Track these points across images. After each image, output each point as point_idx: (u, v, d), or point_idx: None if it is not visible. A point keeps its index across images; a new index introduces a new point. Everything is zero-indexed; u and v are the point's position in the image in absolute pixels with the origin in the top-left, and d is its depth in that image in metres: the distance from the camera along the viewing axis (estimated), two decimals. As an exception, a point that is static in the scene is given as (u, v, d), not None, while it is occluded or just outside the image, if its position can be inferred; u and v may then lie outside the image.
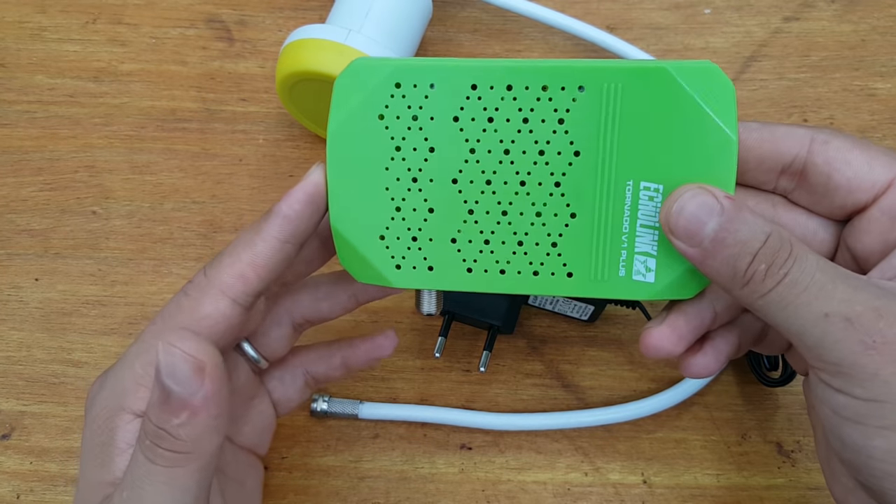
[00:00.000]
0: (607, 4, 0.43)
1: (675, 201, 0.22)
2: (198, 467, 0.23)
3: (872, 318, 0.21)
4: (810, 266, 0.22)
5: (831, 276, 0.22)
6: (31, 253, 0.39)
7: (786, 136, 0.25)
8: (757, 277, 0.22)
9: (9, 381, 0.37)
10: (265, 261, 0.25)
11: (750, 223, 0.22)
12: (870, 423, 0.21)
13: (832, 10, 0.43)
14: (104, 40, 0.43)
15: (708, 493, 0.34)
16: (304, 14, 0.44)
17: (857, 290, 0.22)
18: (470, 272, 0.25)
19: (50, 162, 0.41)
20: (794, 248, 0.22)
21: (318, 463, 0.35)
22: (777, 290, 0.22)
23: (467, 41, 0.43)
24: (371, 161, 0.25)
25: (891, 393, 0.21)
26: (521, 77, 0.24)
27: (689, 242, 0.22)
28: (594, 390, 0.36)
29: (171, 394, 0.22)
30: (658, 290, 0.25)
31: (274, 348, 0.30)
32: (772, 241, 0.22)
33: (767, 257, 0.22)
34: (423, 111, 0.24)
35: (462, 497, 0.35)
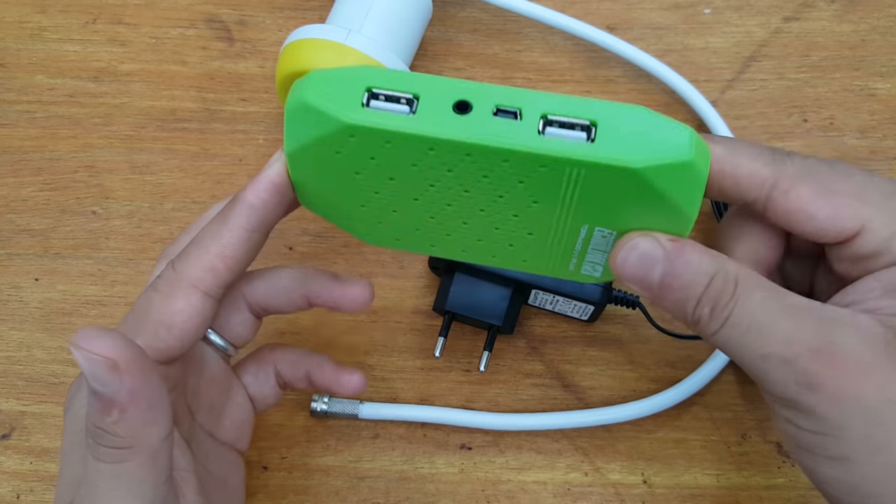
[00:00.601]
0: (607, 4, 0.43)
1: (620, 251, 0.23)
2: (144, 460, 0.23)
3: (808, 360, 0.21)
4: (752, 307, 0.22)
5: (773, 315, 0.22)
6: (31, 253, 0.39)
7: (747, 176, 0.23)
8: (703, 320, 0.23)
9: (9, 381, 0.37)
10: (233, 251, 0.25)
11: (694, 266, 0.22)
12: (817, 452, 0.22)
13: (832, 10, 0.43)
14: (104, 40, 0.43)
15: (708, 493, 0.34)
16: (304, 14, 0.44)
17: (799, 328, 0.22)
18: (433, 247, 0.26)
19: (50, 162, 0.41)
20: (738, 289, 0.22)
21: (318, 463, 0.35)
22: (721, 332, 0.22)
23: (467, 41, 0.43)
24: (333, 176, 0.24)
25: (830, 428, 0.21)
26: (481, 153, 0.22)
27: (639, 287, 0.23)
28: (594, 390, 0.36)
29: (98, 394, 0.22)
30: (603, 279, 0.26)
31: (237, 333, 0.30)
32: (715, 283, 0.22)
33: (710, 300, 0.22)
34: (378, 157, 0.23)
35: (462, 497, 0.35)
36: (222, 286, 0.26)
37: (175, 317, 0.25)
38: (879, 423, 0.21)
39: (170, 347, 0.25)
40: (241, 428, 0.31)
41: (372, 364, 0.37)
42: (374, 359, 0.37)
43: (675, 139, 0.21)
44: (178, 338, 0.25)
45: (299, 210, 0.39)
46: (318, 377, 0.31)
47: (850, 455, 0.21)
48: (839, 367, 0.21)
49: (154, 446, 0.23)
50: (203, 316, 0.25)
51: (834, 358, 0.21)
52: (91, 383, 0.22)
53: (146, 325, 0.25)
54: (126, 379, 0.22)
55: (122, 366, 0.22)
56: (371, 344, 0.37)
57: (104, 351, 0.21)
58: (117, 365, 0.21)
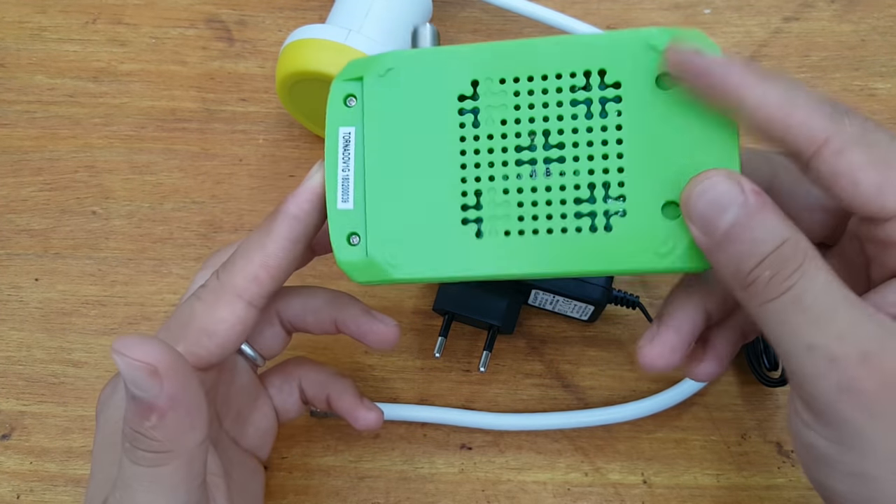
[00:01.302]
0: (607, 4, 0.43)
1: (700, 182, 0.21)
2: (181, 464, 0.23)
3: (856, 364, 0.20)
4: (816, 286, 0.20)
5: (833, 304, 0.20)
6: (31, 253, 0.39)
7: (801, 124, 0.21)
8: (759, 283, 0.21)
9: (9, 381, 0.37)
10: (277, 262, 0.25)
11: (769, 224, 0.21)
12: (835, 466, 0.21)
13: (832, 10, 0.43)
14: (104, 40, 0.43)
15: (708, 493, 0.34)
16: (304, 14, 0.44)
17: (855, 325, 0.20)
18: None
19: (50, 162, 0.41)
20: (806, 263, 0.20)
21: (318, 463, 0.35)
22: (775, 303, 0.21)
23: (467, 41, 0.43)
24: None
25: (859, 441, 0.20)
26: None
27: (703, 229, 0.21)
28: (594, 390, 0.36)
29: (137, 399, 0.22)
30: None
31: (269, 346, 0.30)
32: (785, 248, 0.20)
33: (775, 265, 0.20)
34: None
35: (462, 497, 0.35)
36: (265, 296, 0.26)
37: (218, 325, 0.25)
38: None
39: (210, 354, 0.26)
40: (264, 437, 0.31)
41: (372, 364, 0.37)
42: (374, 359, 0.37)
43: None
44: (220, 345, 0.25)
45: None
46: (337, 405, 0.32)
47: (871, 472, 0.20)
48: (886, 379, 0.20)
49: (191, 451, 0.23)
50: (245, 325, 0.26)
51: (883, 367, 0.20)
52: (131, 388, 0.22)
53: (189, 333, 0.25)
54: (166, 384, 0.22)
55: (162, 371, 0.22)
56: (371, 344, 0.37)
57: (145, 357, 0.22)
58: (157, 371, 0.22)
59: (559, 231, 0.24)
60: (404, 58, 0.25)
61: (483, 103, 0.24)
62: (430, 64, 0.24)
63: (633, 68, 0.23)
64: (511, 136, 0.24)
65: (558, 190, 0.24)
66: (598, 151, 0.23)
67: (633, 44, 0.23)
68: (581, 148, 0.23)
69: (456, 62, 0.24)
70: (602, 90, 0.23)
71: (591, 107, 0.23)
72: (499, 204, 0.24)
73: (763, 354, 0.35)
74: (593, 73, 0.23)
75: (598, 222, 0.23)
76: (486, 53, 0.24)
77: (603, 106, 0.23)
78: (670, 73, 0.23)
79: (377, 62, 0.25)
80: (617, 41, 0.23)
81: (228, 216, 0.40)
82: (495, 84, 0.24)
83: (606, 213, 0.23)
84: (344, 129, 0.25)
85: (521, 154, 0.24)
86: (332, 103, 0.25)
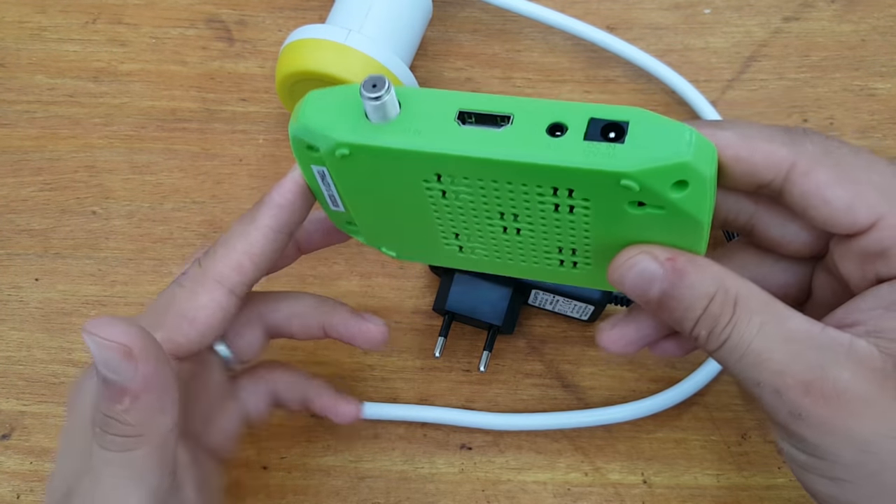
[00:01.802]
0: (607, 4, 0.43)
1: (619, 267, 0.22)
2: (152, 450, 0.23)
3: (800, 394, 0.21)
4: (749, 333, 0.22)
5: (769, 343, 0.22)
6: (31, 253, 0.39)
7: (764, 156, 0.22)
8: (700, 340, 0.22)
9: (9, 381, 0.37)
10: (260, 250, 0.26)
11: (693, 287, 0.22)
12: (812, 471, 0.22)
13: (832, 10, 0.43)
14: (104, 40, 0.43)
15: (708, 493, 0.34)
16: (304, 14, 0.44)
17: (793, 359, 0.21)
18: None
19: (50, 162, 0.41)
20: (737, 312, 0.22)
21: (318, 463, 0.35)
22: (718, 353, 0.22)
23: (467, 41, 0.43)
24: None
25: (823, 453, 0.22)
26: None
27: (640, 301, 0.23)
28: (594, 390, 0.36)
29: (109, 382, 0.22)
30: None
31: (245, 350, 0.30)
32: (713, 306, 0.22)
33: (708, 324, 0.22)
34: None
35: (462, 497, 0.35)
36: (248, 284, 0.26)
37: (199, 311, 0.25)
38: (872, 452, 0.21)
39: (189, 342, 0.26)
40: (228, 438, 0.31)
41: (372, 364, 0.37)
42: (374, 359, 0.37)
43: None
44: (200, 332, 0.26)
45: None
46: (316, 404, 0.32)
47: (844, 477, 0.22)
48: (830, 403, 0.21)
49: (163, 436, 0.23)
50: (226, 313, 0.26)
51: (825, 392, 0.21)
52: (102, 371, 0.22)
53: (168, 318, 0.25)
54: (140, 366, 0.22)
55: (136, 353, 0.22)
56: (371, 344, 0.37)
57: (118, 338, 0.22)
58: (132, 352, 0.22)
59: (532, 264, 0.25)
60: (359, 149, 0.22)
61: (448, 188, 0.23)
62: (388, 158, 0.22)
63: (603, 196, 0.21)
64: (480, 211, 0.24)
65: (529, 244, 0.25)
66: (566, 233, 0.23)
67: (605, 181, 0.21)
68: (549, 228, 0.23)
69: (415, 161, 0.22)
70: (570, 199, 0.22)
71: (560, 208, 0.22)
72: (475, 242, 0.25)
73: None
74: (561, 189, 0.22)
75: (566, 264, 0.25)
76: (447, 159, 0.22)
77: (570, 209, 0.22)
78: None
79: (329, 143, 0.23)
80: (587, 176, 0.21)
81: (228, 216, 0.40)
82: (459, 178, 0.23)
83: (574, 262, 0.25)
84: (315, 167, 0.25)
85: (491, 221, 0.24)
86: (296, 149, 0.24)
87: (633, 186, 0.20)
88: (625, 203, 0.21)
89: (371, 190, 0.24)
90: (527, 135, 0.21)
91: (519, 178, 0.22)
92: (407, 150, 0.22)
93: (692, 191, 0.20)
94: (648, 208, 0.21)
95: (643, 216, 0.21)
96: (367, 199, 0.25)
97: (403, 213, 0.25)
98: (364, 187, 0.24)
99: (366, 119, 0.22)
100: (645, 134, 0.20)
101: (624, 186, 0.20)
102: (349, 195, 0.25)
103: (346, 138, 0.22)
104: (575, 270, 0.25)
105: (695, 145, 0.20)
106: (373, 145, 0.22)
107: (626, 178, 0.20)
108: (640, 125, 0.20)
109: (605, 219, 0.22)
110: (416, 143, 0.22)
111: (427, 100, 0.23)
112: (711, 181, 0.21)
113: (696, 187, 0.20)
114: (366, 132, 0.22)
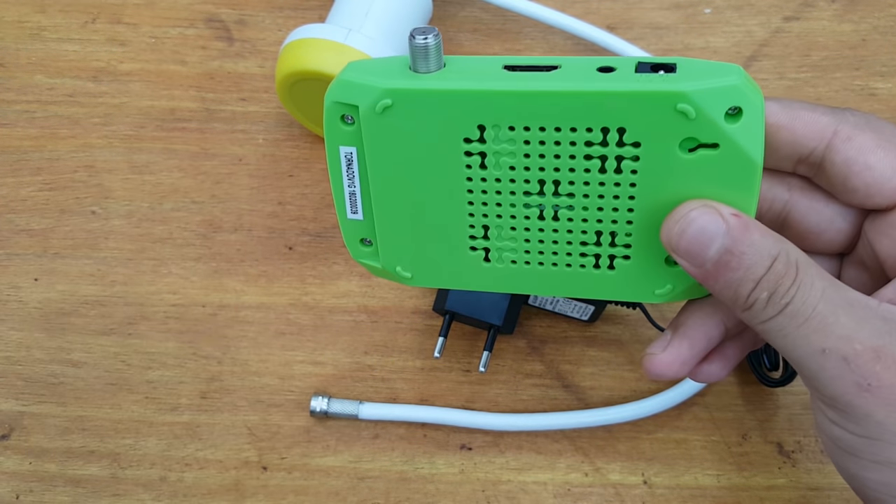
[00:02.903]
0: (607, 4, 0.43)
1: (678, 221, 0.21)
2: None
3: (870, 360, 0.20)
4: (814, 296, 0.21)
5: (834, 307, 0.21)
6: (31, 253, 0.39)
7: (806, 124, 0.22)
8: (758, 305, 0.21)
9: (8, 381, 0.37)
10: None
11: (756, 245, 0.21)
12: (863, 456, 0.21)
13: (833, 10, 0.43)
14: (103, 40, 0.43)
15: (708, 493, 0.34)
16: (303, 14, 0.44)
17: (860, 324, 0.21)
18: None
19: (49, 162, 0.41)
20: (800, 274, 0.21)
21: (318, 463, 0.35)
22: (777, 319, 0.21)
23: (467, 41, 0.43)
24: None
25: (884, 432, 0.21)
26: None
27: (692, 263, 0.21)
28: (594, 390, 0.36)
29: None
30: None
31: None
32: (777, 266, 0.21)
33: (770, 284, 0.21)
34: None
35: (462, 497, 0.35)
36: None
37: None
38: None
39: None
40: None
41: (372, 364, 0.37)
42: (374, 359, 0.37)
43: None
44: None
45: (298, 210, 0.39)
46: None
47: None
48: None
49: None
50: None
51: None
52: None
53: None
54: None
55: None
56: (371, 344, 0.37)
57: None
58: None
59: (563, 265, 0.24)
60: (404, 96, 0.22)
61: (490, 148, 0.22)
62: (433, 106, 0.22)
63: (656, 131, 0.21)
64: (520, 182, 0.23)
65: (565, 232, 0.24)
66: (609, 204, 0.23)
67: (660, 106, 0.20)
68: (591, 199, 0.23)
69: (461, 106, 0.22)
70: (619, 148, 0.21)
71: (606, 163, 0.22)
72: (506, 238, 0.24)
73: (763, 355, 0.35)
74: (612, 130, 0.21)
75: (601, 262, 0.24)
76: (496, 99, 0.21)
77: (619, 163, 0.22)
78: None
79: (373, 93, 0.22)
80: (642, 101, 0.21)
81: (228, 216, 0.39)
82: (504, 131, 0.22)
83: (611, 256, 0.24)
84: (345, 148, 0.24)
85: (529, 198, 0.23)
86: (329, 122, 0.23)
87: (690, 111, 0.20)
88: (676, 145, 0.21)
89: (403, 167, 0.23)
90: (578, 74, 0.21)
91: (569, 118, 0.21)
92: (455, 89, 0.22)
93: (746, 120, 0.20)
94: (701, 151, 0.21)
95: (695, 163, 0.21)
96: (394, 184, 0.24)
97: (433, 202, 0.24)
98: (396, 163, 0.23)
99: (410, 72, 0.22)
100: (695, 69, 0.21)
101: (680, 112, 0.20)
102: (376, 180, 0.24)
103: (391, 85, 0.22)
104: (610, 273, 0.24)
105: (745, 77, 0.21)
106: (419, 88, 0.22)
107: (683, 100, 0.20)
108: (688, 64, 0.21)
109: (655, 173, 0.22)
110: (464, 84, 0.22)
111: (471, 60, 0.23)
112: (762, 115, 0.21)
113: (750, 116, 0.20)
114: (411, 80, 0.22)
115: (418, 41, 0.22)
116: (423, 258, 0.25)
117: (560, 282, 0.25)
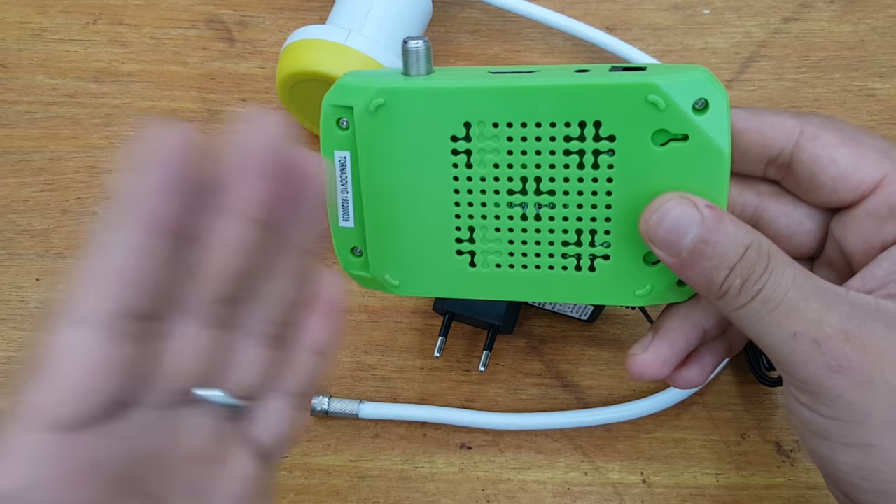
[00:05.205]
0: (607, 5, 0.43)
1: (655, 211, 0.22)
2: None
3: (839, 342, 0.21)
4: (785, 283, 0.22)
5: (805, 294, 0.22)
6: (32, 253, 0.39)
7: (773, 127, 0.24)
8: (732, 292, 0.22)
9: (10, 381, 0.37)
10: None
11: (730, 234, 0.22)
12: (835, 439, 0.22)
13: (831, 11, 0.43)
14: (105, 41, 0.43)
15: (707, 492, 0.34)
16: (304, 15, 0.44)
17: (830, 309, 0.21)
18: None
19: (51, 162, 0.41)
20: (771, 262, 0.22)
21: (318, 462, 0.35)
22: (750, 306, 0.22)
23: (467, 41, 0.43)
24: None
25: (854, 414, 0.21)
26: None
27: (669, 252, 0.22)
28: (594, 390, 0.36)
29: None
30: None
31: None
32: (750, 253, 0.22)
33: (744, 271, 0.22)
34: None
35: (462, 496, 0.35)
36: None
37: None
38: None
39: None
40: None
41: (372, 364, 0.37)
42: (374, 359, 0.37)
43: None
44: None
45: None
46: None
47: (871, 441, 0.21)
48: (870, 352, 0.21)
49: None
50: None
51: (864, 342, 0.21)
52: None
53: None
54: None
55: None
56: (371, 344, 0.37)
57: None
58: None
59: (546, 268, 0.25)
60: (395, 94, 0.24)
61: (476, 146, 0.24)
62: (422, 103, 0.24)
63: (630, 123, 0.22)
64: (503, 180, 0.24)
65: (547, 232, 0.25)
66: (588, 201, 0.24)
67: (632, 97, 0.22)
68: (571, 196, 0.24)
69: (449, 103, 0.24)
70: (596, 142, 0.23)
71: (584, 158, 0.23)
72: (491, 240, 0.25)
73: (762, 354, 0.35)
74: (588, 124, 0.23)
75: (582, 263, 0.25)
76: (480, 96, 0.23)
77: (596, 158, 0.23)
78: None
79: (367, 94, 0.24)
80: (615, 92, 0.22)
81: (229, 216, 0.40)
82: (488, 128, 0.24)
83: (591, 257, 0.25)
84: (339, 152, 0.25)
85: (512, 197, 0.24)
86: (325, 126, 0.25)
87: (660, 102, 0.22)
88: (649, 137, 0.22)
89: (393, 168, 0.25)
90: (556, 73, 0.24)
91: (548, 112, 0.23)
92: (443, 87, 0.23)
93: (713, 112, 0.22)
94: (673, 144, 0.22)
95: (667, 155, 0.22)
96: (385, 187, 0.25)
97: (421, 204, 0.25)
98: (387, 164, 0.25)
99: (402, 77, 0.24)
100: (664, 68, 0.23)
101: (651, 103, 0.22)
102: (367, 183, 0.25)
103: (385, 85, 0.24)
104: (591, 275, 0.25)
105: (710, 74, 0.23)
106: (410, 87, 0.24)
107: (653, 91, 0.22)
108: (657, 67, 0.24)
109: (630, 167, 0.23)
110: (451, 83, 0.24)
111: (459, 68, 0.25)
112: (727, 108, 0.22)
113: (717, 108, 0.22)
114: (403, 82, 0.24)
115: (410, 45, 0.24)
116: (411, 265, 0.26)
117: (543, 286, 0.26)
